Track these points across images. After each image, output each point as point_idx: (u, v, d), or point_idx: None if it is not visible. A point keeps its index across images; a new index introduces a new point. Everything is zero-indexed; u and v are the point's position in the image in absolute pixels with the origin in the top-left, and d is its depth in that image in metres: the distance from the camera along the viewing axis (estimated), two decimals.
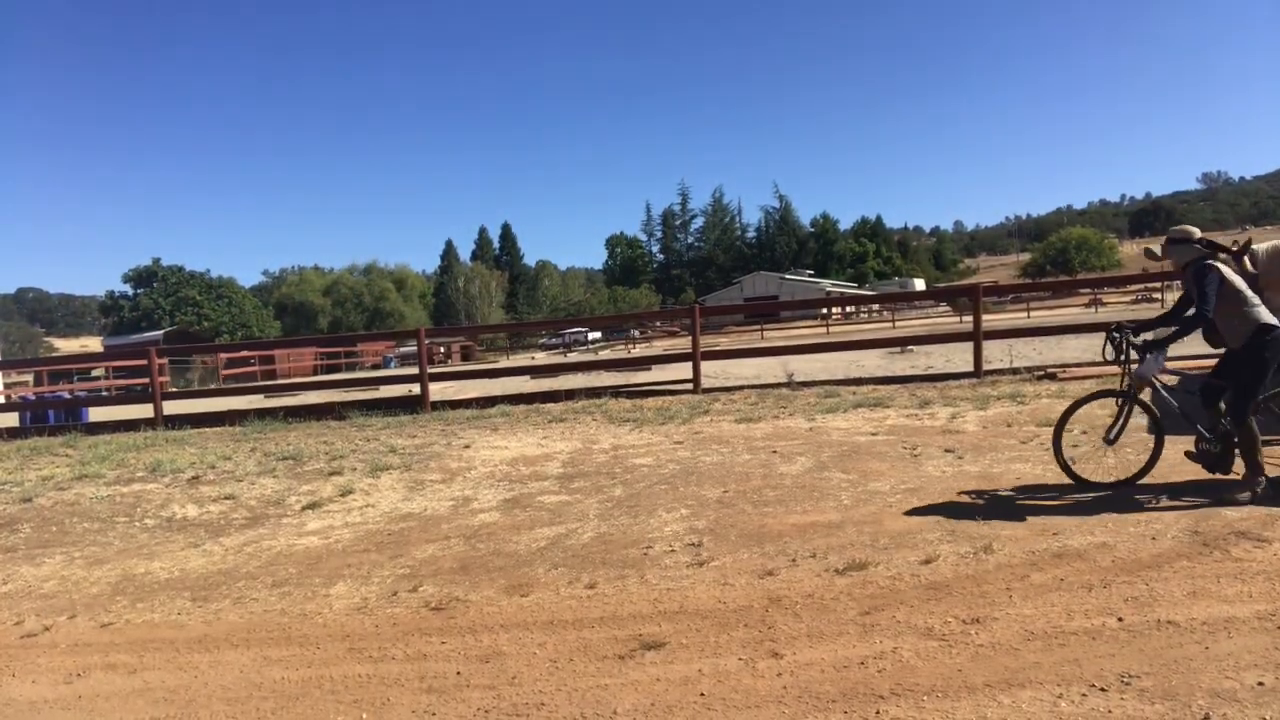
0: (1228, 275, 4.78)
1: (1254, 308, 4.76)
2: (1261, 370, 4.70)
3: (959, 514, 5.06)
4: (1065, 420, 5.39)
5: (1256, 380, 4.73)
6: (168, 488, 7.79)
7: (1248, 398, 4.75)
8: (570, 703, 3.19)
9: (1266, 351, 4.67)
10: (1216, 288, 4.72)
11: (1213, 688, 2.86)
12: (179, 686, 3.66)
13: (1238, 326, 4.76)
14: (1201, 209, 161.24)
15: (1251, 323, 4.72)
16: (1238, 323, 4.76)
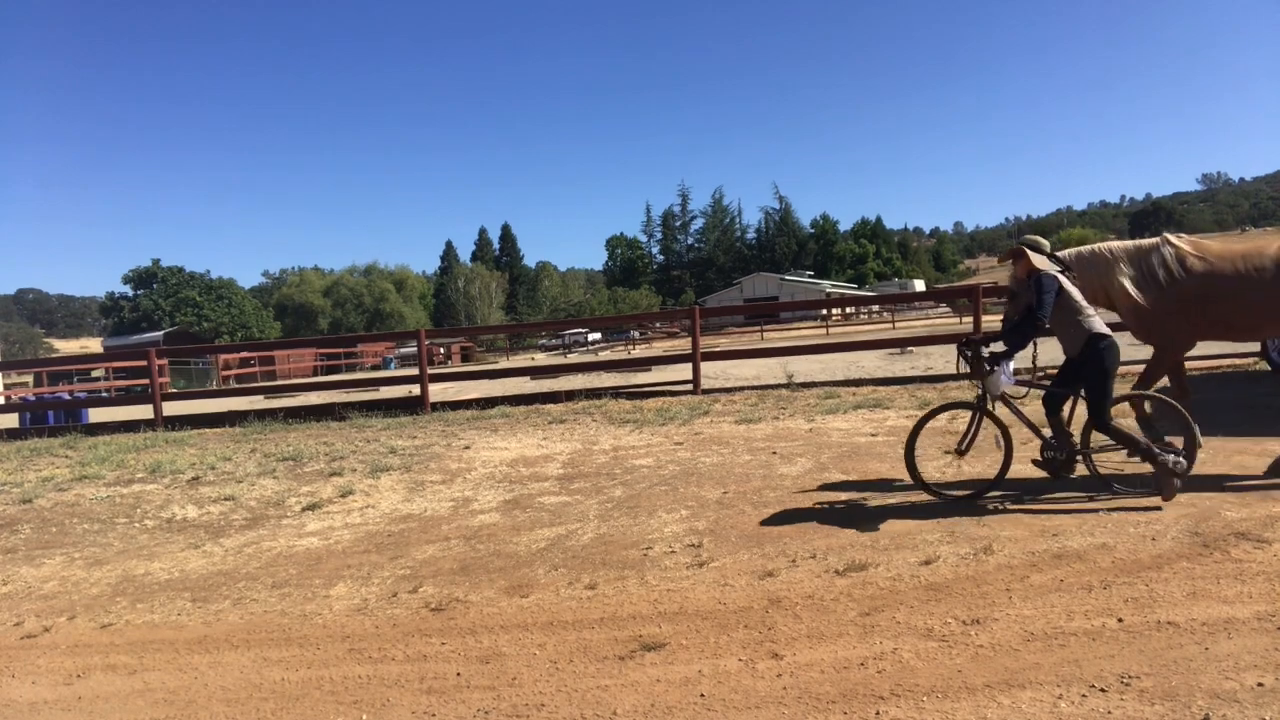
0: (1066, 285, 4.98)
1: (1088, 318, 4.96)
2: (1105, 374, 4.87)
3: (958, 515, 5.06)
4: (918, 431, 5.37)
5: (1104, 385, 4.90)
6: (168, 489, 7.79)
7: (1104, 403, 4.91)
8: (570, 704, 3.19)
9: (1102, 358, 4.85)
10: (1054, 296, 4.90)
11: (1212, 688, 2.86)
12: (179, 687, 3.66)
13: (1074, 335, 4.95)
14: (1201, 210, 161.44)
15: (1085, 332, 4.90)
16: (1074, 331, 4.94)
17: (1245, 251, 5.49)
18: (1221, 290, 5.40)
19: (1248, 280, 5.35)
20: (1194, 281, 5.44)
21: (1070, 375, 5.06)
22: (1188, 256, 5.50)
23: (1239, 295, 5.36)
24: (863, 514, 5.27)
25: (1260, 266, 5.35)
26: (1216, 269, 5.42)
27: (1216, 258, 5.47)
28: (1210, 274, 5.43)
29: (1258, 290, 5.34)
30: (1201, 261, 5.46)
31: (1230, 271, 5.40)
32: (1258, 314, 5.41)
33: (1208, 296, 5.42)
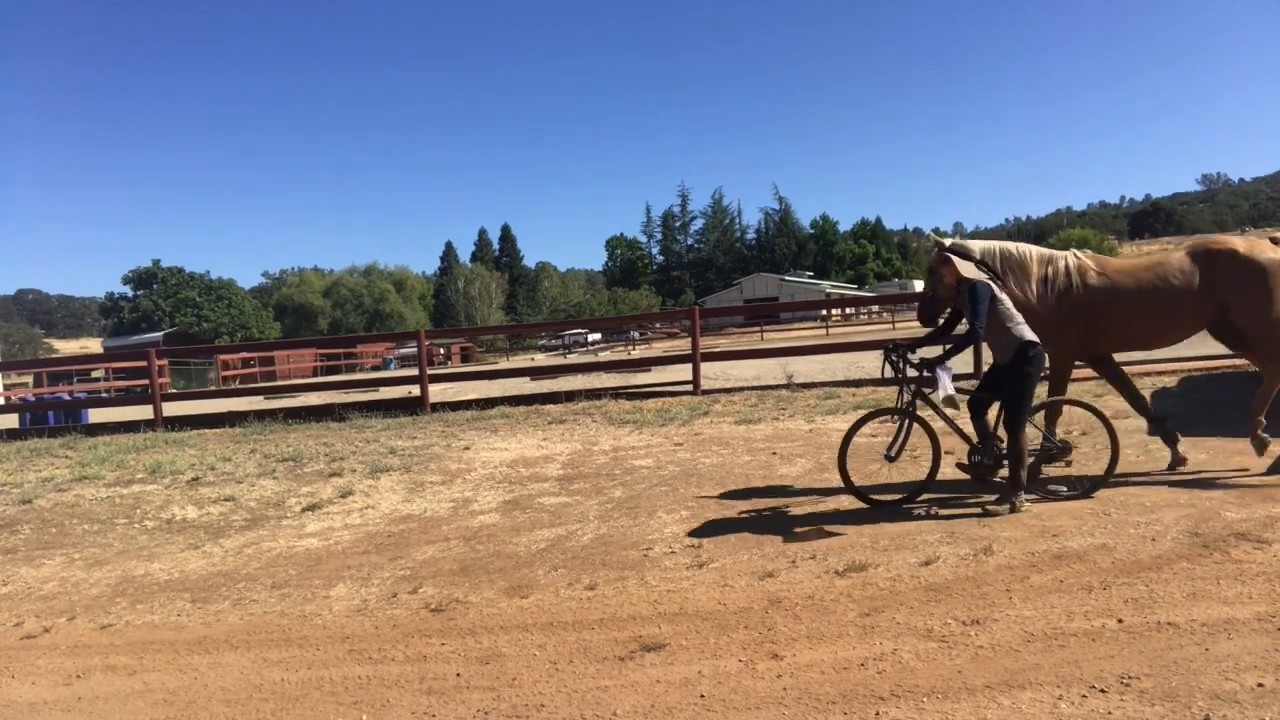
0: (998, 294, 5.06)
1: (1019, 325, 5.02)
2: (1027, 383, 4.95)
3: (958, 515, 5.06)
4: (850, 438, 5.39)
5: (1025, 393, 4.97)
6: (167, 489, 7.79)
7: (1020, 411, 4.98)
8: (570, 704, 3.19)
9: (1029, 366, 4.93)
10: (988, 305, 4.95)
11: (1212, 689, 2.86)
12: (179, 688, 3.66)
13: (1005, 343, 5.00)
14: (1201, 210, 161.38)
15: (1016, 339, 4.95)
16: (1005, 339, 5.00)
17: (1147, 265, 5.71)
18: (1118, 305, 5.58)
19: (1145, 295, 5.54)
20: (1090, 295, 5.61)
21: (996, 381, 5.12)
22: (1088, 271, 5.66)
23: (1136, 309, 5.56)
24: (862, 514, 5.27)
25: (1163, 276, 5.55)
26: (1116, 283, 5.60)
27: (1116, 273, 5.66)
28: (1108, 289, 5.60)
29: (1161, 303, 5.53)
30: (1100, 277, 5.64)
31: (1130, 286, 5.57)
32: (1156, 326, 5.64)
33: (1102, 311, 5.60)
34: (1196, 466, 5.77)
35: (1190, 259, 5.55)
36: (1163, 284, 5.49)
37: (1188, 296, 5.46)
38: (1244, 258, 5.40)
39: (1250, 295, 5.38)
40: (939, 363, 5.10)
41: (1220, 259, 5.46)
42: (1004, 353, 5.02)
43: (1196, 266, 5.50)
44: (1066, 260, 5.67)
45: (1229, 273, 5.41)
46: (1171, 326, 5.63)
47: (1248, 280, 5.37)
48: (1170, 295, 5.47)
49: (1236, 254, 5.43)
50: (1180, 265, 5.53)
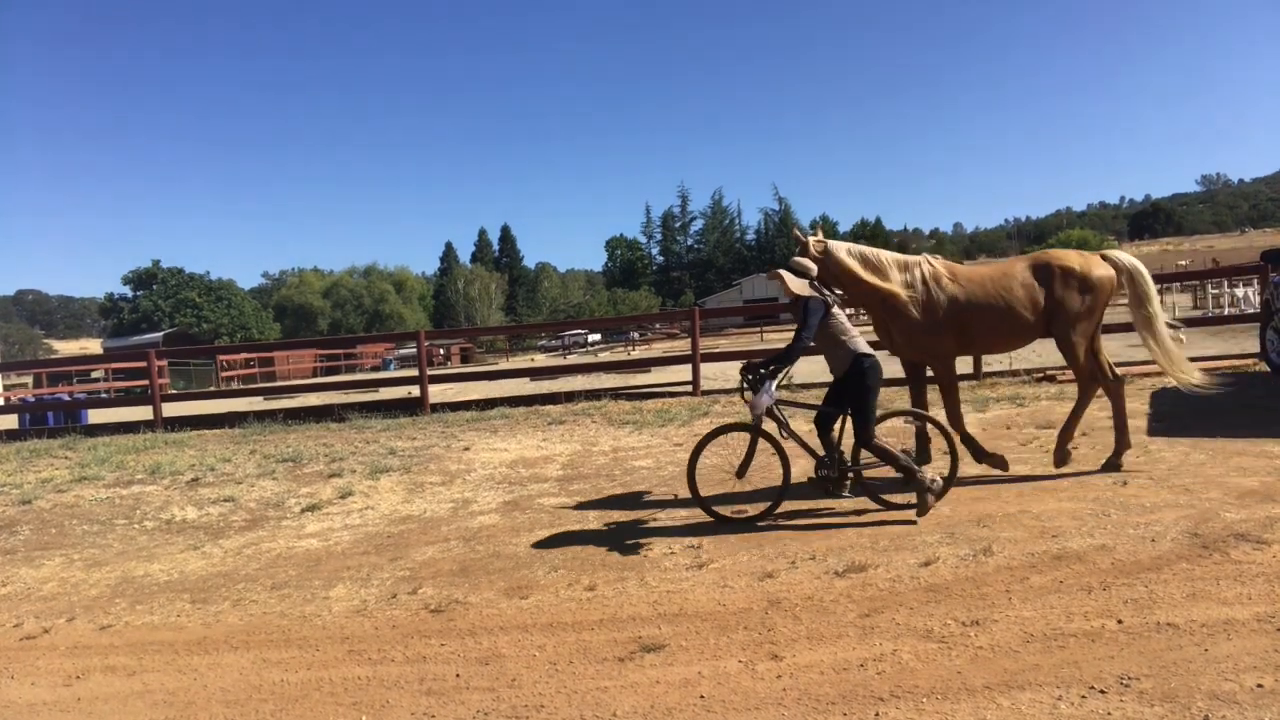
0: (834, 310, 5.13)
1: (853, 339, 5.13)
2: (868, 393, 5.05)
3: (958, 515, 5.06)
4: (698, 453, 5.37)
5: (867, 403, 5.05)
6: (167, 490, 7.79)
7: (867, 421, 5.05)
8: (570, 705, 3.19)
9: (866, 378, 5.03)
10: (820, 318, 5.02)
11: (1212, 690, 2.86)
12: (178, 689, 3.66)
13: (841, 357, 5.09)
14: (1200, 211, 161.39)
15: (851, 353, 5.06)
16: (841, 353, 5.09)
17: (993, 274, 5.87)
18: (971, 309, 5.73)
19: (994, 300, 5.71)
20: (946, 300, 5.75)
21: (838, 395, 5.18)
22: (941, 277, 5.80)
23: (991, 311, 5.71)
24: (862, 515, 5.28)
25: (1006, 288, 5.72)
26: (966, 290, 5.75)
27: (966, 279, 5.81)
28: (960, 295, 5.75)
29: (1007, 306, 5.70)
30: (953, 283, 5.78)
31: (979, 293, 5.73)
32: (1003, 331, 5.78)
33: (958, 314, 5.74)
34: (1194, 466, 5.75)
35: (1033, 269, 5.77)
36: (1007, 293, 5.71)
37: (1029, 305, 5.69)
38: (1078, 273, 5.68)
39: (1072, 307, 5.66)
40: (770, 376, 5.12)
41: (1056, 270, 5.70)
42: (840, 366, 5.12)
43: (1038, 277, 5.74)
44: (922, 266, 5.80)
45: (1064, 286, 5.68)
46: (1015, 332, 5.81)
47: (1078, 294, 5.67)
48: (1014, 303, 5.69)
49: (1072, 270, 5.69)
50: (1022, 275, 5.76)
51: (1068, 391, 9.48)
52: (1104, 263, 5.77)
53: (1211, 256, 67.57)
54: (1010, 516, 4.94)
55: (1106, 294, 5.73)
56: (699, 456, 5.40)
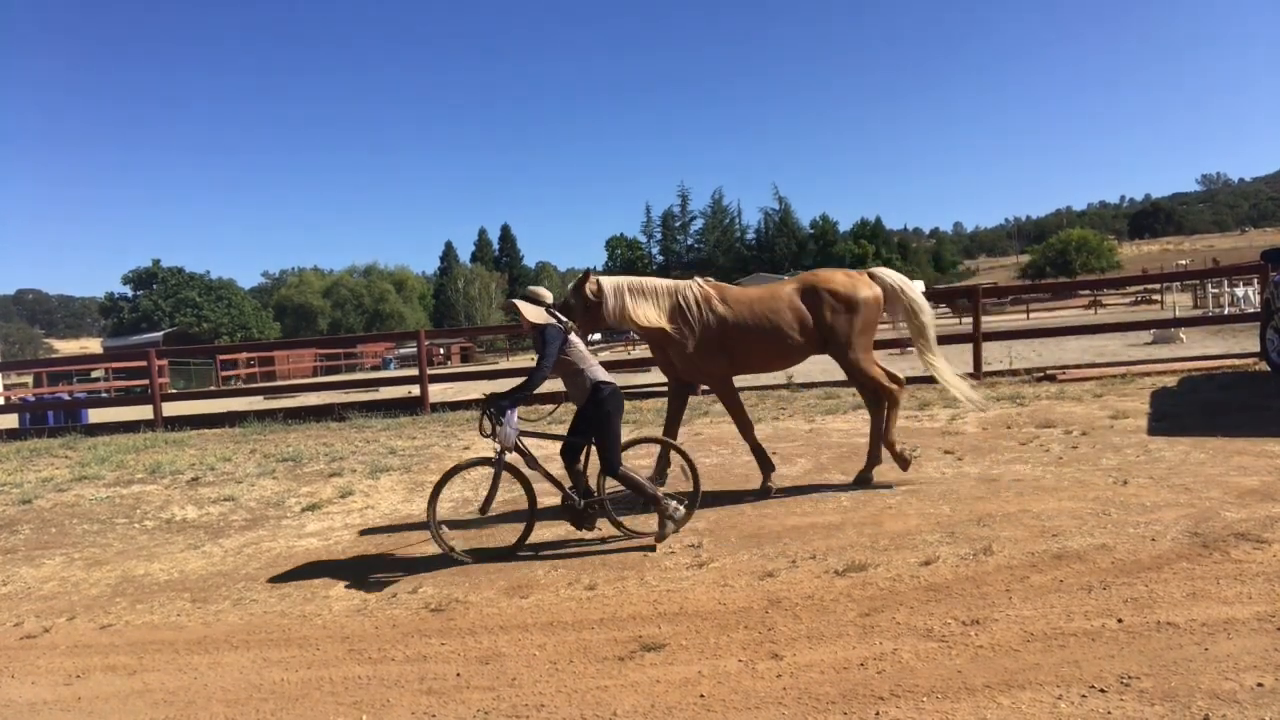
0: (572, 338, 5.05)
1: (591, 367, 5.04)
2: (609, 421, 4.96)
3: (958, 515, 5.06)
4: (439, 490, 5.13)
5: (609, 431, 4.96)
6: (167, 489, 7.79)
7: (612, 450, 4.97)
8: (570, 704, 3.19)
9: (606, 405, 4.95)
10: (559, 346, 4.94)
11: (1212, 689, 2.86)
12: (179, 688, 3.66)
13: (580, 385, 5.02)
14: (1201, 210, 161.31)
15: (589, 380, 4.99)
16: (580, 381, 5.01)
17: (761, 296, 5.93)
18: (740, 330, 5.78)
19: (762, 321, 5.77)
20: (716, 321, 5.79)
21: (582, 424, 5.06)
22: (711, 299, 5.84)
23: (759, 332, 5.77)
24: (862, 515, 5.28)
25: (774, 309, 5.79)
26: (736, 311, 5.80)
27: (735, 301, 5.85)
28: (730, 316, 5.79)
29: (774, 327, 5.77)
30: (723, 305, 5.82)
31: (748, 315, 5.79)
32: (772, 351, 5.83)
33: (728, 335, 5.78)
34: (1195, 466, 5.75)
35: (800, 291, 5.85)
36: (774, 314, 5.77)
37: (796, 326, 5.78)
38: (843, 294, 5.79)
39: (845, 327, 5.78)
40: (511, 407, 4.95)
41: (823, 292, 5.80)
42: (579, 395, 5.03)
43: (805, 299, 5.82)
44: (692, 289, 5.84)
45: (830, 306, 5.78)
46: (783, 353, 5.87)
47: (845, 314, 5.78)
48: (785, 324, 5.77)
49: (837, 291, 5.80)
50: (790, 296, 5.83)
51: (1068, 391, 9.49)
52: (871, 282, 5.90)
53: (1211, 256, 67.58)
54: (1010, 516, 4.94)
55: (874, 312, 5.85)
56: (439, 495, 5.11)
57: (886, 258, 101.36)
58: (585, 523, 5.13)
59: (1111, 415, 7.78)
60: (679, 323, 5.75)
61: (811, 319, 5.78)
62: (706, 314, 5.79)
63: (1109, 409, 8.12)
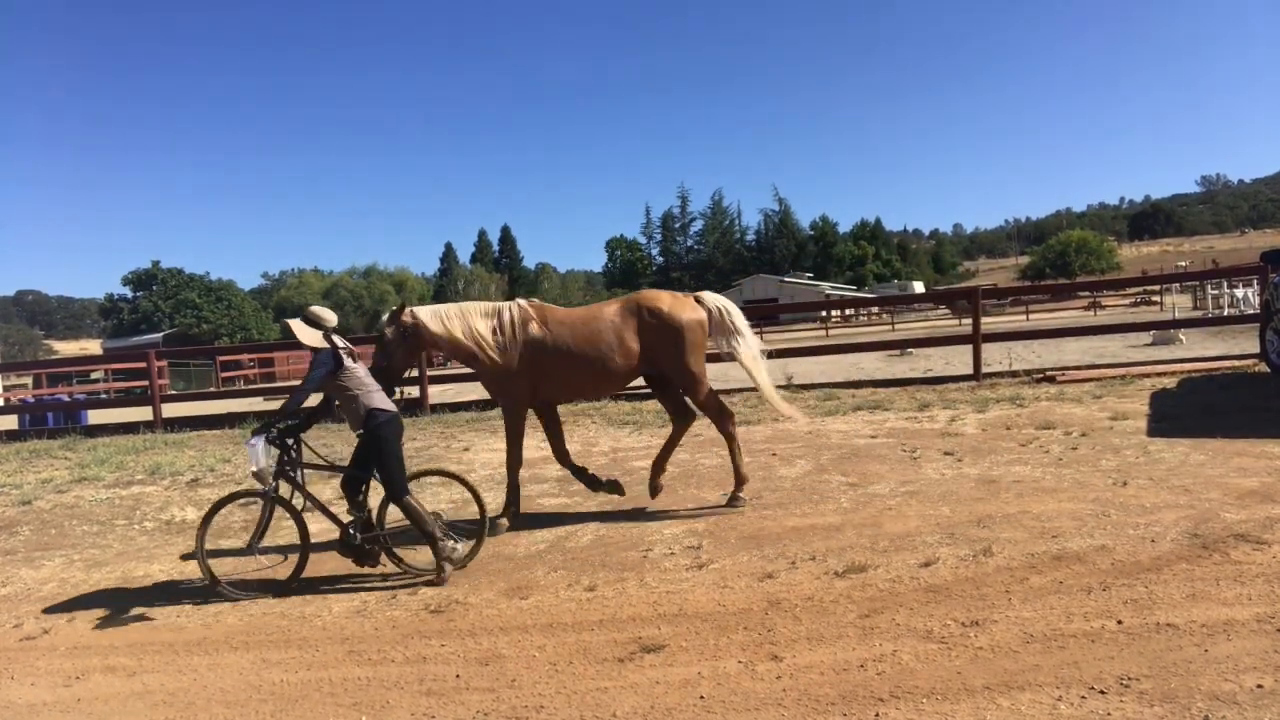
0: (350, 364, 4.84)
1: (369, 393, 4.84)
2: (387, 449, 4.80)
3: (958, 516, 5.06)
4: (208, 521, 4.90)
5: (386, 460, 4.81)
6: (167, 490, 7.79)
7: (392, 478, 4.82)
8: (570, 705, 3.19)
9: (381, 432, 4.78)
10: (326, 372, 4.74)
11: (1212, 690, 2.86)
12: (178, 689, 3.66)
13: (355, 412, 4.83)
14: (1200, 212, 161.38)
15: (364, 407, 4.80)
16: (355, 407, 4.82)
17: (584, 316, 5.87)
18: (559, 352, 5.68)
19: (587, 342, 5.67)
20: (534, 343, 5.69)
21: (361, 455, 4.89)
22: (530, 320, 5.74)
23: (580, 356, 5.67)
24: (861, 516, 5.28)
25: (596, 331, 5.70)
26: (555, 333, 5.71)
27: (556, 323, 5.77)
28: (547, 338, 5.70)
29: (595, 354, 5.67)
30: (541, 326, 5.73)
31: (567, 336, 5.70)
32: (599, 371, 5.73)
33: (545, 358, 5.69)
34: (1194, 467, 5.75)
35: (622, 313, 5.77)
36: (596, 336, 5.70)
37: (620, 348, 5.68)
38: (667, 315, 5.70)
39: (672, 349, 5.69)
40: (264, 431, 4.73)
41: (646, 315, 5.72)
42: (356, 422, 4.83)
43: (628, 320, 5.73)
44: (511, 310, 5.76)
45: (655, 328, 5.68)
46: (606, 376, 5.78)
47: (670, 336, 5.68)
48: (605, 346, 5.67)
49: (661, 311, 5.72)
50: (613, 318, 5.76)
51: (1068, 392, 9.49)
52: (695, 304, 5.86)
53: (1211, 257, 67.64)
54: (1010, 517, 4.94)
55: (699, 334, 5.77)
56: (208, 525, 4.87)
57: (886, 258, 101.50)
58: (366, 559, 4.91)
59: (1111, 416, 7.78)
60: (491, 344, 5.61)
61: (635, 341, 5.70)
62: (521, 336, 5.66)
63: (1109, 410, 8.12)
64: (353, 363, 4.89)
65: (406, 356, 5.64)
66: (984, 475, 6.04)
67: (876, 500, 5.61)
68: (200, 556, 4.81)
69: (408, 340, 5.57)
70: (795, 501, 5.78)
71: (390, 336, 5.54)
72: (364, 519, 4.95)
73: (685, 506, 5.90)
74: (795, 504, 5.72)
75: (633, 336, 5.71)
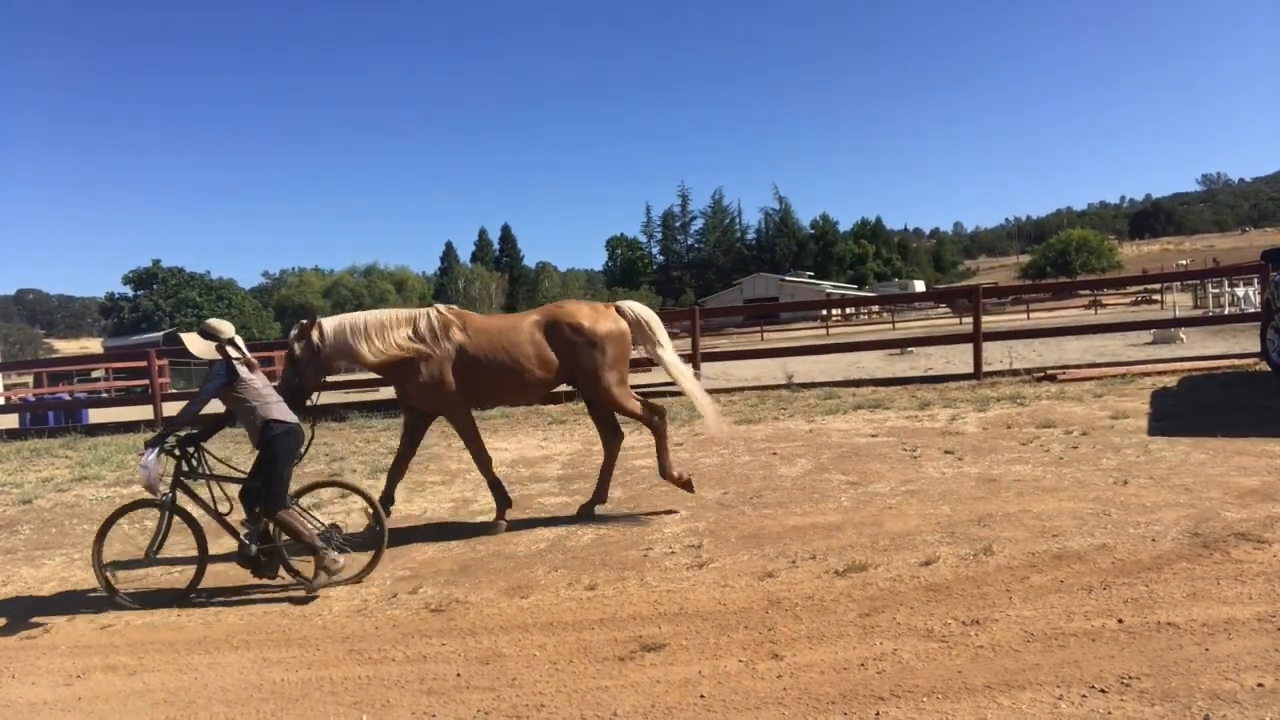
0: (242, 375, 4.78)
1: (266, 405, 4.80)
2: (273, 463, 4.75)
3: (959, 515, 5.06)
4: (106, 530, 4.91)
5: (271, 472, 4.76)
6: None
7: (271, 491, 4.75)
8: (570, 704, 3.19)
9: (274, 446, 4.73)
10: (221, 384, 4.72)
11: (1212, 689, 2.86)
12: (179, 688, 3.66)
13: (252, 424, 4.80)
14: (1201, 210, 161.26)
15: (260, 419, 4.77)
16: (252, 419, 4.79)
17: (503, 326, 5.83)
18: (479, 360, 5.63)
19: (504, 351, 5.64)
20: (454, 350, 5.64)
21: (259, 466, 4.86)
22: (450, 326, 5.68)
23: (497, 364, 5.63)
24: (862, 515, 5.28)
25: (513, 341, 5.66)
26: (474, 340, 5.66)
27: (476, 330, 5.72)
28: (469, 345, 5.65)
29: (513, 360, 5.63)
30: (461, 333, 5.67)
31: (486, 344, 5.66)
32: (516, 380, 5.69)
33: (466, 364, 5.63)
34: (1195, 466, 5.75)
35: (540, 324, 5.75)
36: (513, 346, 5.65)
37: (538, 359, 5.66)
38: (587, 329, 5.69)
39: (591, 361, 5.66)
40: (151, 443, 4.72)
41: (564, 327, 5.70)
42: (254, 434, 4.82)
43: (545, 331, 5.71)
44: (429, 316, 5.69)
45: (571, 340, 5.67)
46: (524, 385, 5.73)
47: (589, 347, 5.66)
48: (524, 357, 5.64)
49: (580, 326, 5.70)
50: (532, 329, 5.73)
51: (1068, 391, 9.49)
52: (615, 315, 5.83)
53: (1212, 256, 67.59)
54: (1011, 516, 4.94)
55: (619, 345, 5.74)
56: (105, 535, 4.90)
57: (887, 257, 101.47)
58: (264, 570, 4.85)
59: (1112, 415, 7.78)
60: (411, 352, 5.53)
61: (553, 353, 5.68)
62: (443, 342, 5.60)
63: (1109, 409, 8.12)
64: (250, 374, 4.81)
65: (317, 374, 5.44)
66: (984, 474, 6.04)
67: (877, 499, 5.61)
68: (97, 567, 4.80)
69: (318, 354, 5.36)
70: (796, 500, 5.78)
71: (300, 352, 5.34)
72: (261, 530, 4.87)
73: (685, 506, 5.89)
74: (796, 503, 5.71)
75: (550, 348, 5.67)
